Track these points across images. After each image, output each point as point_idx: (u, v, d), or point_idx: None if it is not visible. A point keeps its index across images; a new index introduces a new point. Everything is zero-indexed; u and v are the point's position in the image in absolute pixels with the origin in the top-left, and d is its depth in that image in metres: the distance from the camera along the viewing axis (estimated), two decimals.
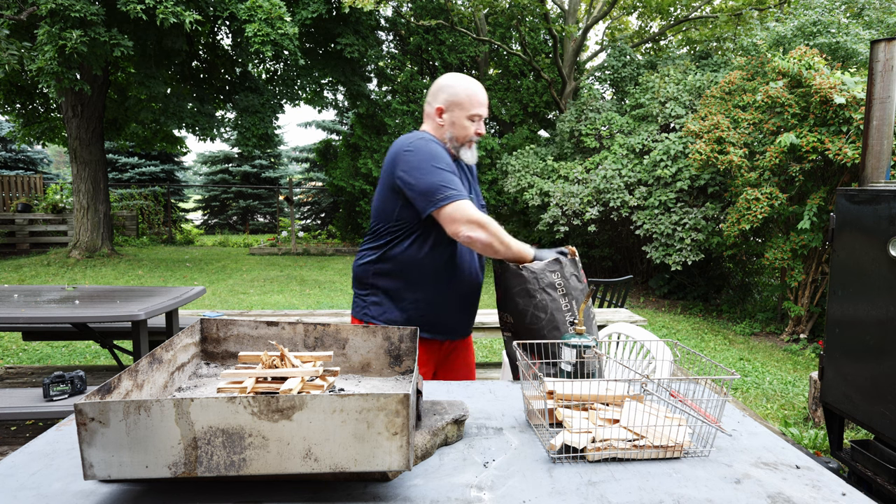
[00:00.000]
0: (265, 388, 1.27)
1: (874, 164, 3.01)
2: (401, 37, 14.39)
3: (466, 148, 1.96)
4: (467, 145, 1.96)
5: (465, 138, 1.94)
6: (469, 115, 1.92)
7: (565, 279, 1.75)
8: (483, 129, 1.97)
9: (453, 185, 1.78)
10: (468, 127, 1.93)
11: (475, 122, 1.94)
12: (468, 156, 1.97)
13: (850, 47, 6.33)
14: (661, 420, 1.28)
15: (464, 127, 1.93)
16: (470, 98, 1.92)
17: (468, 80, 1.94)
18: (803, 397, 4.46)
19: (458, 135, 1.94)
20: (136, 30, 9.10)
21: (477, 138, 1.97)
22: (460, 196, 1.77)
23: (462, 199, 1.77)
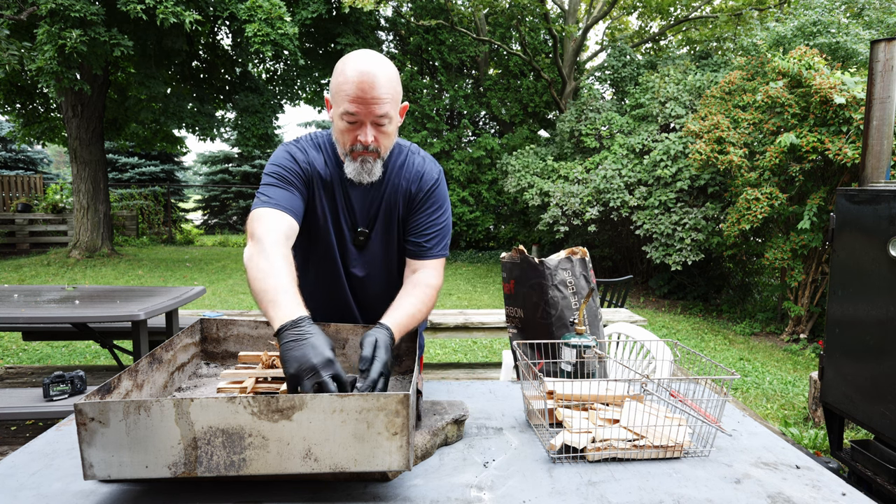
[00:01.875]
0: (265, 388, 1.27)
1: (874, 164, 3.01)
2: (401, 37, 14.39)
3: (351, 160, 1.43)
4: (351, 157, 1.42)
5: (345, 146, 1.42)
6: (340, 112, 1.38)
7: (576, 278, 1.75)
8: (369, 136, 1.37)
9: (263, 193, 1.41)
10: (343, 131, 1.40)
11: (352, 126, 1.38)
12: (351, 171, 1.44)
13: (850, 47, 6.33)
14: (661, 420, 1.28)
15: (340, 130, 1.41)
16: (338, 88, 1.36)
17: (347, 62, 1.37)
18: (803, 397, 4.46)
19: (338, 139, 1.44)
20: (136, 30, 9.10)
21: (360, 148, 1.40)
22: (260, 205, 1.39)
23: (258, 208, 1.38)
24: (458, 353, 5.60)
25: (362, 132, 1.38)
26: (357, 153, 1.41)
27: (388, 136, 1.43)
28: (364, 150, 1.40)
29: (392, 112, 1.39)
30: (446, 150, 13.15)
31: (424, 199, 1.53)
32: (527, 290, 1.77)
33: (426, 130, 12.90)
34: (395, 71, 1.42)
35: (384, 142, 1.42)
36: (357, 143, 1.40)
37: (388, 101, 1.36)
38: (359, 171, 1.43)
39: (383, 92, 1.35)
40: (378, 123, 1.38)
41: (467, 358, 5.44)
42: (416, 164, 1.55)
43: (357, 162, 1.42)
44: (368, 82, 1.33)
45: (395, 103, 1.40)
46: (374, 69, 1.34)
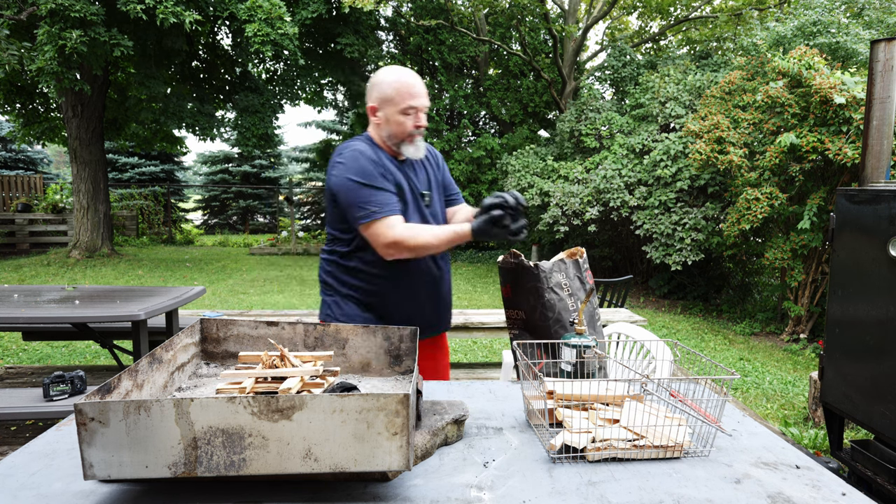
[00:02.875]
0: (265, 388, 1.27)
1: (874, 164, 3.01)
2: (401, 37, 14.39)
3: (408, 143, 1.89)
4: (408, 140, 1.89)
5: (403, 134, 1.87)
6: (401, 109, 1.84)
7: (570, 280, 1.75)
8: (423, 120, 1.88)
9: (372, 203, 1.78)
10: (403, 122, 1.86)
11: (410, 116, 1.86)
12: (410, 151, 1.90)
13: (850, 47, 6.33)
14: (661, 420, 1.28)
15: (398, 123, 1.86)
16: (399, 92, 1.84)
17: (397, 73, 1.86)
18: (803, 397, 4.46)
19: (394, 132, 1.87)
20: (136, 30, 9.10)
21: (418, 132, 1.88)
22: (378, 214, 1.77)
23: (379, 219, 1.77)
24: (458, 353, 5.60)
25: (418, 118, 1.87)
26: (413, 137, 1.89)
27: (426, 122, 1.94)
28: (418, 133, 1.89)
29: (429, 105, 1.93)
30: (446, 150, 13.14)
31: (444, 165, 2.16)
32: (524, 293, 1.78)
33: (426, 130, 12.91)
34: None
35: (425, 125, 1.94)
36: (415, 128, 1.87)
37: (427, 96, 1.90)
38: (416, 149, 1.92)
39: (424, 90, 1.89)
40: (425, 112, 1.90)
41: (467, 358, 5.44)
42: (431, 147, 2.12)
43: (414, 143, 1.90)
44: (419, 83, 1.88)
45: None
46: (415, 75, 1.90)
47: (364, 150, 1.87)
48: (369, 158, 1.85)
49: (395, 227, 1.77)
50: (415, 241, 1.76)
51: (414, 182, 1.96)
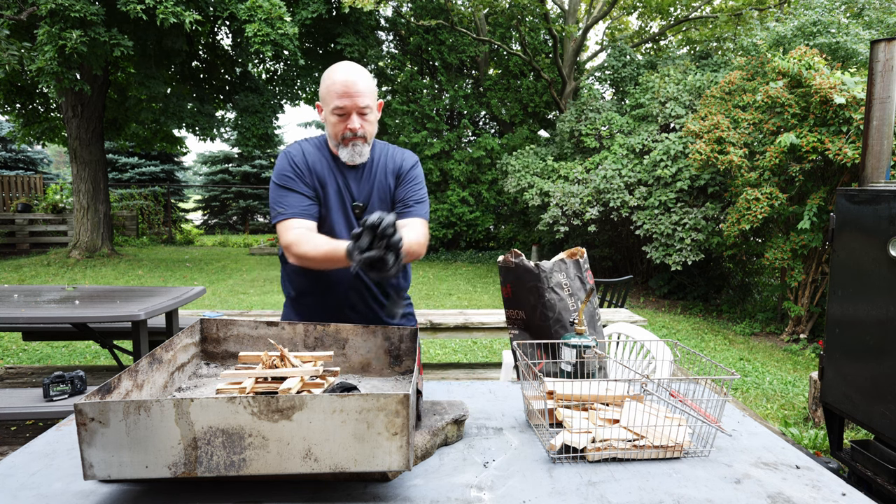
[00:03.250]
0: (265, 388, 1.27)
1: (874, 164, 3.01)
2: (401, 37, 14.39)
3: (343, 147, 1.75)
4: (343, 143, 1.75)
5: (336, 136, 1.75)
6: (330, 109, 1.71)
7: (570, 280, 1.75)
8: (356, 123, 1.71)
9: (280, 204, 1.73)
10: (334, 124, 1.73)
11: (342, 118, 1.72)
12: (345, 155, 1.76)
13: (850, 47, 6.33)
14: (661, 420, 1.28)
15: (331, 124, 1.74)
16: (328, 91, 1.71)
17: (333, 70, 1.73)
18: (803, 397, 4.46)
19: (330, 133, 1.77)
20: (136, 30, 9.10)
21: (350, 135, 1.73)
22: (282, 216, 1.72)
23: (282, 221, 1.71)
24: (458, 353, 5.60)
25: (351, 121, 1.71)
26: (348, 140, 1.74)
27: (371, 125, 1.76)
28: (353, 136, 1.73)
29: (371, 104, 1.73)
30: (446, 150, 13.14)
31: (407, 175, 1.87)
32: (524, 293, 1.78)
33: (426, 130, 12.90)
34: (370, 74, 1.79)
35: (368, 129, 1.75)
36: (347, 131, 1.72)
37: (367, 94, 1.71)
38: (351, 154, 1.76)
39: (363, 87, 1.70)
40: (362, 113, 1.72)
41: (467, 358, 5.44)
42: (397, 153, 1.91)
43: (349, 147, 1.75)
44: (352, 80, 1.69)
45: (372, 98, 1.74)
46: (355, 71, 1.72)
47: (293, 151, 1.81)
48: (292, 159, 1.79)
49: (291, 231, 1.69)
50: (299, 249, 1.65)
51: (351, 189, 1.83)
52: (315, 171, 1.80)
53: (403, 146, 12.66)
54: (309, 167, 1.79)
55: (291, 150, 1.83)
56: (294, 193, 1.75)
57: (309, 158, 1.80)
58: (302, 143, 1.86)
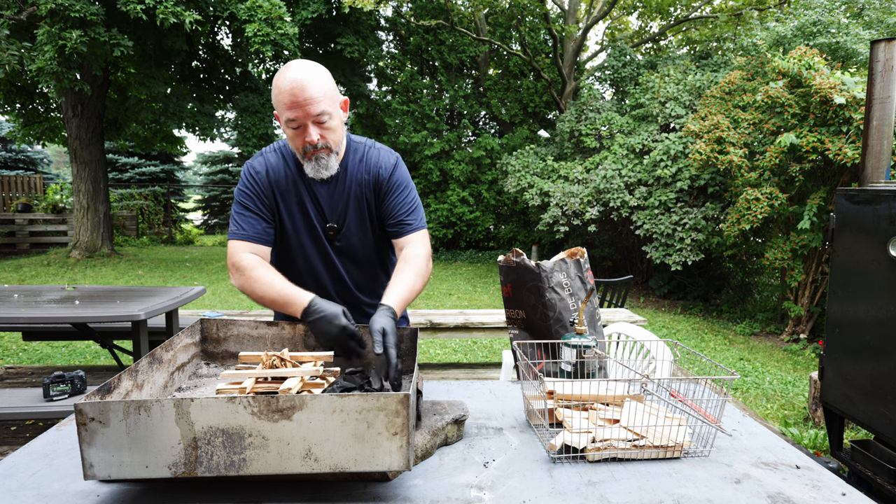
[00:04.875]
0: (265, 388, 1.27)
1: (874, 164, 3.02)
2: (401, 37, 14.39)
3: (307, 160, 1.56)
4: (306, 158, 1.56)
5: (298, 150, 1.56)
6: (284, 122, 1.53)
7: (571, 279, 1.75)
8: (314, 135, 1.50)
9: (236, 222, 1.62)
10: (292, 137, 1.54)
11: (297, 130, 1.51)
12: (309, 169, 1.57)
13: (850, 47, 6.32)
14: (661, 420, 1.28)
15: (290, 137, 1.56)
16: (276, 101, 1.51)
17: (278, 76, 1.52)
18: (803, 397, 4.46)
19: (291, 146, 1.59)
20: (136, 30, 9.10)
21: (311, 148, 1.53)
22: (234, 235, 1.60)
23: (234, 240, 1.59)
24: (458, 353, 5.60)
25: (307, 133, 1.51)
26: (310, 153, 1.55)
27: (333, 131, 1.55)
28: (315, 149, 1.54)
29: (329, 108, 1.51)
30: (446, 150, 13.14)
31: (390, 184, 1.67)
32: (525, 292, 1.78)
33: (426, 130, 12.90)
34: (325, 72, 1.55)
35: (331, 137, 1.55)
36: (307, 145, 1.53)
37: (320, 99, 1.49)
38: (316, 169, 1.57)
39: (314, 92, 1.48)
40: (318, 122, 1.51)
41: (467, 358, 5.44)
42: (373, 158, 1.69)
43: (312, 161, 1.56)
44: (299, 87, 1.46)
45: (330, 100, 1.52)
46: (302, 75, 1.48)
47: (255, 165, 1.65)
48: (253, 174, 1.64)
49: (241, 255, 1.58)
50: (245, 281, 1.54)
51: (322, 208, 1.65)
52: (278, 189, 1.63)
53: (403, 146, 12.68)
54: (271, 184, 1.63)
55: (254, 163, 1.65)
56: (249, 214, 1.61)
57: (272, 174, 1.63)
58: (267, 154, 1.67)
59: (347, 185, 1.66)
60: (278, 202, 1.65)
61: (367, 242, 1.73)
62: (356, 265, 1.75)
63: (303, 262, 1.71)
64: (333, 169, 1.59)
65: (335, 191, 1.65)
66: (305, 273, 1.72)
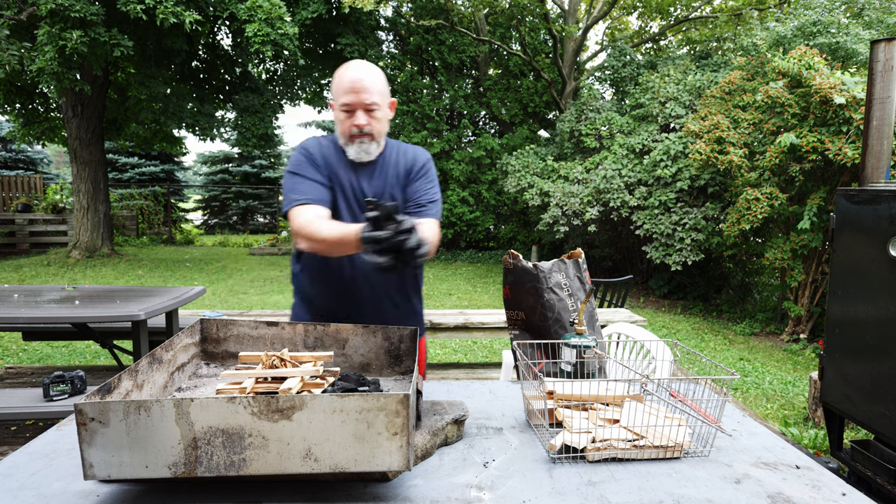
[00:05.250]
0: (265, 388, 1.27)
1: (874, 164, 3.02)
2: (401, 37, 14.39)
3: (350, 143, 1.74)
4: (350, 140, 1.73)
5: (344, 133, 1.74)
6: (339, 105, 1.71)
7: (570, 280, 1.75)
8: (362, 119, 1.69)
9: (294, 191, 1.70)
10: (342, 120, 1.72)
11: (348, 114, 1.70)
12: (352, 152, 1.75)
13: (850, 47, 6.33)
14: (661, 420, 1.28)
15: (339, 120, 1.74)
16: (337, 86, 1.71)
17: (343, 67, 1.73)
18: (803, 397, 4.46)
19: (339, 130, 1.76)
20: (136, 30, 9.10)
21: (357, 131, 1.71)
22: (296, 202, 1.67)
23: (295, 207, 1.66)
24: (458, 353, 5.60)
25: (356, 117, 1.69)
26: (355, 136, 1.72)
27: (379, 122, 1.73)
28: (360, 133, 1.71)
29: (379, 101, 1.71)
30: (446, 150, 13.14)
31: (420, 172, 1.83)
32: (523, 294, 1.78)
33: (426, 130, 12.90)
34: (381, 73, 1.76)
35: (376, 126, 1.72)
36: (354, 128, 1.70)
37: (375, 91, 1.69)
38: (357, 151, 1.74)
39: (370, 84, 1.69)
40: (368, 110, 1.69)
41: (467, 358, 5.44)
42: (409, 150, 1.88)
43: (356, 144, 1.73)
44: (359, 77, 1.68)
45: (381, 95, 1.72)
46: (363, 68, 1.71)
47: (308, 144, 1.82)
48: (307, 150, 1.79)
49: (302, 215, 1.65)
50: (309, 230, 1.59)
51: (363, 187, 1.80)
52: (329, 164, 1.79)
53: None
54: (324, 158, 1.79)
55: (307, 143, 1.83)
56: (308, 181, 1.73)
57: (324, 150, 1.81)
58: (319, 137, 1.86)
59: (386, 170, 1.82)
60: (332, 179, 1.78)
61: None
62: None
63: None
64: (373, 154, 1.77)
65: (374, 173, 1.81)
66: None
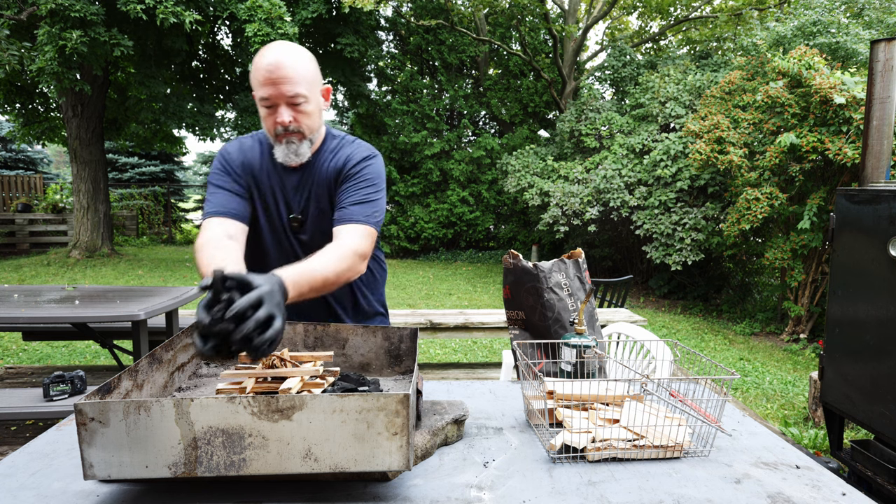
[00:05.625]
0: (265, 388, 1.27)
1: (874, 164, 3.02)
2: (401, 37, 14.39)
3: (277, 144, 1.48)
4: (277, 141, 1.48)
5: (270, 132, 1.48)
6: (258, 99, 1.45)
7: (570, 279, 1.75)
8: (285, 116, 1.42)
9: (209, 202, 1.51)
10: (265, 117, 1.46)
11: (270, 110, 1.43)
12: (279, 153, 1.49)
13: (850, 47, 6.33)
14: (661, 420, 1.28)
15: (262, 118, 1.47)
16: (253, 77, 1.43)
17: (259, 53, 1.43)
18: (803, 397, 4.46)
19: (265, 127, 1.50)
20: (136, 30, 9.10)
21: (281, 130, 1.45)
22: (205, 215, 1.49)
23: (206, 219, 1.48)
24: (458, 353, 5.60)
25: (279, 114, 1.42)
26: (281, 136, 1.46)
27: (308, 116, 1.46)
28: (286, 132, 1.45)
29: (305, 92, 1.43)
30: (446, 150, 13.14)
31: (349, 173, 1.53)
32: (523, 293, 1.78)
33: (426, 130, 12.90)
34: (307, 55, 1.46)
35: (305, 122, 1.46)
36: (278, 126, 1.44)
37: (298, 81, 1.41)
38: (285, 153, 1.48)
39: (291, 72, 1.40)
40: (293, 103, 1.42)
41: (467, 358, 5.44)
42: (344, 148, 1.57)
43: (283, 144, 1.47)
44: (276, 64, 1.39)
45: (308, 84, 1.43)
46: (281, 53, 1.40)
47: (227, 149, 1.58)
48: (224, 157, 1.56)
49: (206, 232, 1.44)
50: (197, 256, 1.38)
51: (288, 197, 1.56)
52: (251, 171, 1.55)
53: (403, 146, 12.67)
54: (244, 164, 1.55)
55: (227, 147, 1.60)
56: (221, 191, 1.51)
57: (246, 154, 1.56)
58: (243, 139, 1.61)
59: (314, 175, 1.55)
60: (251, 188, 1.55)
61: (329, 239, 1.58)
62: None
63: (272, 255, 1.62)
64: (304, 156, 1.50)
65: (302, 180, 1.55)
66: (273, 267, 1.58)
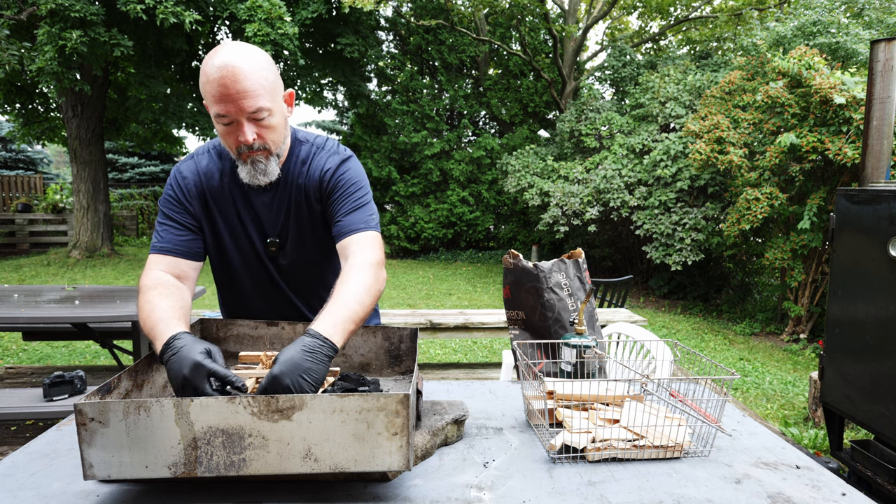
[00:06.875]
0: None
1: (874, 164, 3.01)
2: (401, 37, 14.38)
3: (241, 163, 1.33)
4: (241, 160, 1.33)
5: (231, 150, 1.32)
6: (213, 115, 1.27)
7: (570, 280, 1.75)
8: (249, 135, 1.26)
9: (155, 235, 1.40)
10: (223, 135, 1.30)
11: (229, 127, 1.27)
12: (244, 174, 1.34)
13: (850, 47, 6.33)
14: (661, 420, 1.28)
15: (220, 134, 1.31)
16: (204, 89, 1.25)
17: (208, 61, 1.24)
18: (803, 397, 4.46)
19: (224, 144, 1.34)
20: (136, 30, 9.10)
21: (245, 149, 1.30)
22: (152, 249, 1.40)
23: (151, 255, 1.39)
24: (458, 353, 5.60)
25: (241, 132, 1.27)
26: (245, 155, 1.31)
27: (274, 130, 1.31)
28: (250, 151, 1.30)
29: (268, 104, 1.27)
30: (446, 150, 13.14)
31: (333, 183, 1.42)
32: (523, 293, 1.78)
33: (426, 130, 12.90)
34: (265, 58, 1.28)
35: (270, 136, 1.31)
36: (241, 145, 1.29)
37: (258, 93, 1.24)
38: (251, 174, 1.33)
39: (250, 84, 1.22)
40: (255, 119, 1.26)
41: (467, 358, 5.44)
42: (319, 159, 1.44)
43: (248, 164, 1.32)
44: (230, 76, 1.20)
45: (270, 94, 1.27)
46: (235, 61, 1.21)
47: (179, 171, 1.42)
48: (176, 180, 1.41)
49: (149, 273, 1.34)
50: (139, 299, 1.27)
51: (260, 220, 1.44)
52: (212, 196, 1.40)
53: (403, 146, 12.67)
54: (199, 188, 1.40)
55: (180, 167, 1.42)
56: (170, 225, 1.39)
57: (203, 180, 1.40)
58: (199, 156, 1.43)
59: (288, 192, 1.41)
60: (213, 212, 1.41)
61: (318, 261, 1.50)
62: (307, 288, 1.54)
63: (245, 285, 1.52)
64: (273, 174, 1.35)
65: (275, 199, 1.41)
66: (250, 296, 1.53)
